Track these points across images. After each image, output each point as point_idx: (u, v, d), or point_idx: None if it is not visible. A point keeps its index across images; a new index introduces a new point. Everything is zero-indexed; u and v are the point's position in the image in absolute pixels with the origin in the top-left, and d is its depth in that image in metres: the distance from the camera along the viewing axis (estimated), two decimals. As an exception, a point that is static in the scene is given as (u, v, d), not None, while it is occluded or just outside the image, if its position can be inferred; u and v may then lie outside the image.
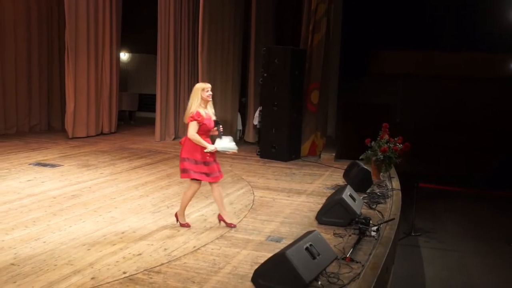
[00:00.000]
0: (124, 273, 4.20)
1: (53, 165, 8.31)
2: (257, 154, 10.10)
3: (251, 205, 6.48)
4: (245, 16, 11.55)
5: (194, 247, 4.88)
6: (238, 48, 11.53)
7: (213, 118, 5.31)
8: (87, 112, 11.75)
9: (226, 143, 5.34)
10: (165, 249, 4.79)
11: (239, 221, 5.75)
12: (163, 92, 11.68)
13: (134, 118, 15.08)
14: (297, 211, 6.28)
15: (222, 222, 5.56)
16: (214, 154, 5.36)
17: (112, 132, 12.49)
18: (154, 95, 11.99)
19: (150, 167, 8.56)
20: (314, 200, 6.84)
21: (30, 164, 8.36)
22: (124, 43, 13.90)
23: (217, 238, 5.16)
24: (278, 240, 5.15)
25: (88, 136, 11.62)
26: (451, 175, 11.20)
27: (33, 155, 9.18)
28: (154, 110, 12.41)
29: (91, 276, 4.10)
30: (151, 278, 4.13)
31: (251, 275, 4.19)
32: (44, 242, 4.84)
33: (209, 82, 10.02)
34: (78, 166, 8.35)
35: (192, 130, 5.13)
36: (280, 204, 6.57)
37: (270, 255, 4.59)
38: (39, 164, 8.39)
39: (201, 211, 6.09)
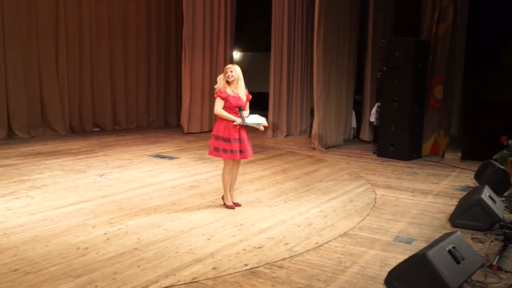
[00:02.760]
0: (246, 265, 4.00)
1: (170, 157, 8.49)
2: (373, 153, 9.56)
3: (373, 203, 6.03)
4: (362, 7, 11.02)
5: (317, 243, 4.56)
6: (354, 42, 11.03)
7: (243, 98, 5.46)
8: (201, 108, 11.98)
9: (254, 118, 5.51)
10: (286, 243, 4.53)
11: (362, 219, 5.34)
12: (276, 89, 11.54)
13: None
14: (425, 212, 5.71)
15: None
16: (243, 133, 5.44)
17: (225, 128, 12.59)
18: (264, 93, 11.90)
19: (264, 162, 8.41)
20: (443, 201, 6.21)
21: (149, 156, 8.62)
22: (236, 42, 14.01)
23: (340, 236, 4.80)
24: (408, 242, 4.67)
25: (201, 132, 11.84)
26: None
27: (151, 148, 9.48)
28: (264, 108, 12.35)
29: (212, 266, 3.95)
30: (273, 272, 3.88)
31: (381, 276, 3.80)
32: (165, 229, 4.82)
33: (323, 78, 9.87)
34: (194, 159, 8.44)
35: (217, 106, 5.37)
36: (405, 204, 6.04)
37: (400, 256, 4.19)
38: (158, 156, 8.62)
39: (320, 207, 5.77)
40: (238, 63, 15.93)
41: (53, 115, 10.74)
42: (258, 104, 14.02)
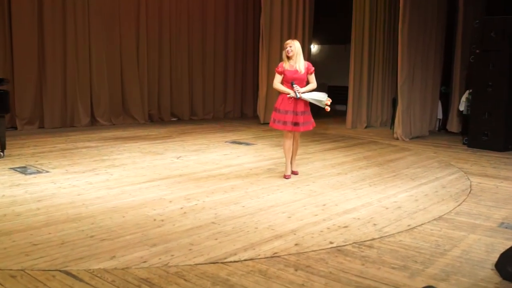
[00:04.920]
0: (331, 243, 3.65)
1: (247, 143, 8.30)
2: (463, 143, 8.81)
3: (469, 190, 5.45)
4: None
5: (409, 225, 4.12)
6: (441, 28, 10.28)
7: (301, 72, 5.50)
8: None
9: (313, 94, 5.51)
10: (374, 224, 4.13)
11: (459, 205, 4.81)
12: (356, 80, 11.04)
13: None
14: (531, 200, 5.07)
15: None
16: (299, 106, 5.49)
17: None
18: (341, 87, 11.42)
19: (344, 150, 7.99)
20: (551, 191, 5.50)
21: (226, 142, 8.47)
22: (314, 35, 13.59)
23: (435, 219, 4.32)
24: (516, 228, 4.11)
25: (278, 123, 11.55)
26: None
27: (228, 135, 9.34)
28: (340, 102, 12.00)
29: (294, 242, 3.64)
30: (362, 251, 3.50)
31: (488, 261, 3.34)
32: (243, 206, 4.58)
33: (408, 64, 9.23)
34: (271, 145, 8.18)
35: (275, 80, 5.61)
36: (506, 192, 5.40)
37: (509, 242, 3.67)
38: (235, 142, 8.46)
39: (409, 192, 5.29)
40: (315, 56, 15.64)
41: (133, 104, 10.94)
42: (335, 98, 13.62)
